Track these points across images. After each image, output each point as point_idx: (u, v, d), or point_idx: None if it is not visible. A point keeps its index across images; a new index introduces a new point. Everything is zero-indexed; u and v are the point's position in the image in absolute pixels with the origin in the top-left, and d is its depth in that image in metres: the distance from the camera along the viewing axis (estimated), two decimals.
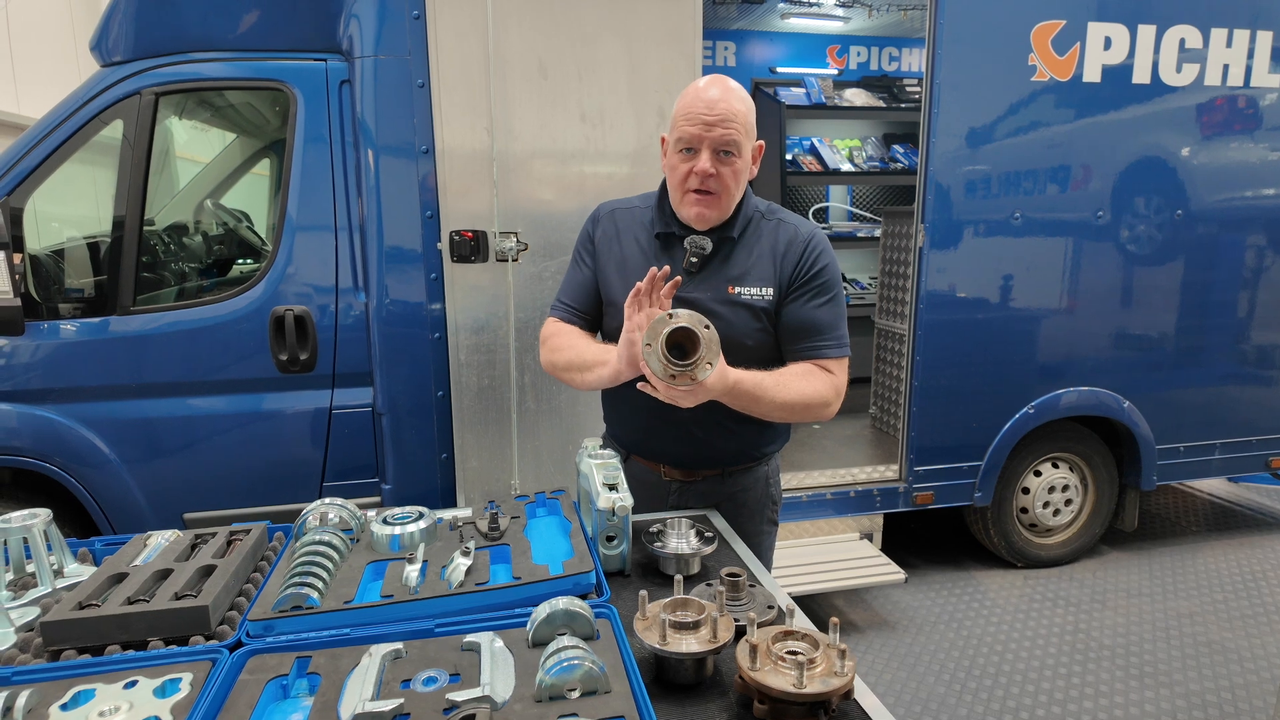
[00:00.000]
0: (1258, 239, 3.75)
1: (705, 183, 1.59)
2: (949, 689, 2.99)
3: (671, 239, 1.70)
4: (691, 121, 1.57)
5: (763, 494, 1.84)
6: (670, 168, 1.65)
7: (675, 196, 1.66)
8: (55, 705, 0.94)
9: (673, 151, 1.63)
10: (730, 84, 1.61)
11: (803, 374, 1.63)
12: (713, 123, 1.56)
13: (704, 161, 1.58)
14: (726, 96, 1.58)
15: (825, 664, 0.98)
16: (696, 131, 1.57)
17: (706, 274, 1.67)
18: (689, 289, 1.65)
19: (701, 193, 1.60)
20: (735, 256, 1.68)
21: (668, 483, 1.77)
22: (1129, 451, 3.85)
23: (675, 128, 1.62)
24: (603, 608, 1.14)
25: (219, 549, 1.32)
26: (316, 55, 2.85)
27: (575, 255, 1.82)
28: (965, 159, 3.33)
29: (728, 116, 1.57)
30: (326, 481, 2.96)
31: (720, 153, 1.58)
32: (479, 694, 0.94)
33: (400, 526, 1.36)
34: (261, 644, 1.08)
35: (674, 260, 1.67)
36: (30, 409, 2.70)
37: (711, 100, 1.57)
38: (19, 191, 2.66)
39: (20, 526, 1.28)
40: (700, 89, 1.60)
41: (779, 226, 1.72)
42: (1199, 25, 3.43)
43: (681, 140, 1.59)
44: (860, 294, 5.43)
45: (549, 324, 1.80)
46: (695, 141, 1.58)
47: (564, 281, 1.83)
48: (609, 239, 1.76)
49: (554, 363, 1.74)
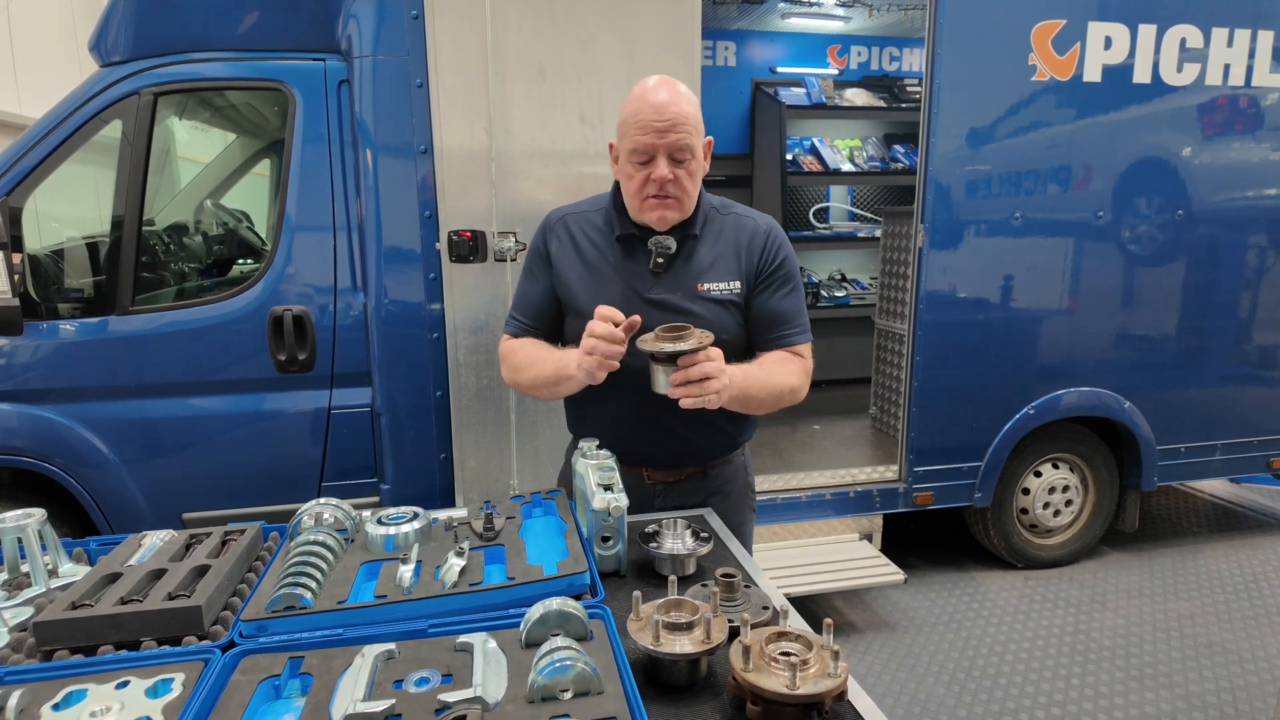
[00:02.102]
0: (1259, 239, 3.74)
1: (664, 188, 1.58)
2: (949, 690, 2.98)
3: (633, 241, 1.68)
4: (643, 129, 1.55)
5: (743, 484, 1.88)
6: (625, 176, 1.63)
7: (633, 204, 1.64)
8: (47, 705, 0.94)
9: (626, 160, 1.61)
10: (676, 85, 1.59)
11: (780, 361, 1.70)
12: (665, 129, 1.54)
13: (662, 169, 1.56)
14: (675, 99, 1.55)
15: (819, 665, 0.98)
16: (650, 140, 1.55)
17: (673, 274, 1.67)
18: (658, 290, 1.65)
19: (661, 197, 1.59)
20: (698, 253, 1.68)
21: (651, 485, 1.77)
22: (1130, 452, 3.84)
23: (626, 136, 1.59)
24: (596, 608, 1.14)
25: (213, 549, 1.32)
26: (315, 55, 2.85)
27: (527, 269, 1.78)
28: (965, 159, 3.33)
29: (679, 120, 1.54)
30: (325, 481, 2.96)
31: (675, 157, 1.57)
32: (471, 695, 0.93)
33: (394, 527, 1.36)
34: (254, 644, 1.08)
35: (637, 261, 1.67)
36: (29, 409, 2.70)
37: (661, 105, 1.54)
38: (18, 191, 2.66)
39: (14, 526, 1.28)
40: (648, 94, 1.57)
41: (737, 221, 1.74)
42: (1200, 25, 3.42)
43: (636, 150, 1.57)
44: (860, 294, 5.42)
45: (506, 341, 1.78)
46: (650, 150, 1.56)
47: (517, 296, 1.80)
48: (564, 247, 1.73)
49: (518, 381, 1.73)
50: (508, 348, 1.76)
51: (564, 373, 1.59)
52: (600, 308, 1.50)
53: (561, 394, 1.68)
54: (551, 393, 1.68)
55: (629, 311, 1.53)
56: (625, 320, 1.49)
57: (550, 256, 1.73)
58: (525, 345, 1.73)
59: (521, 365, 1.71)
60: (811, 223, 5.62)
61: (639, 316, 1.50)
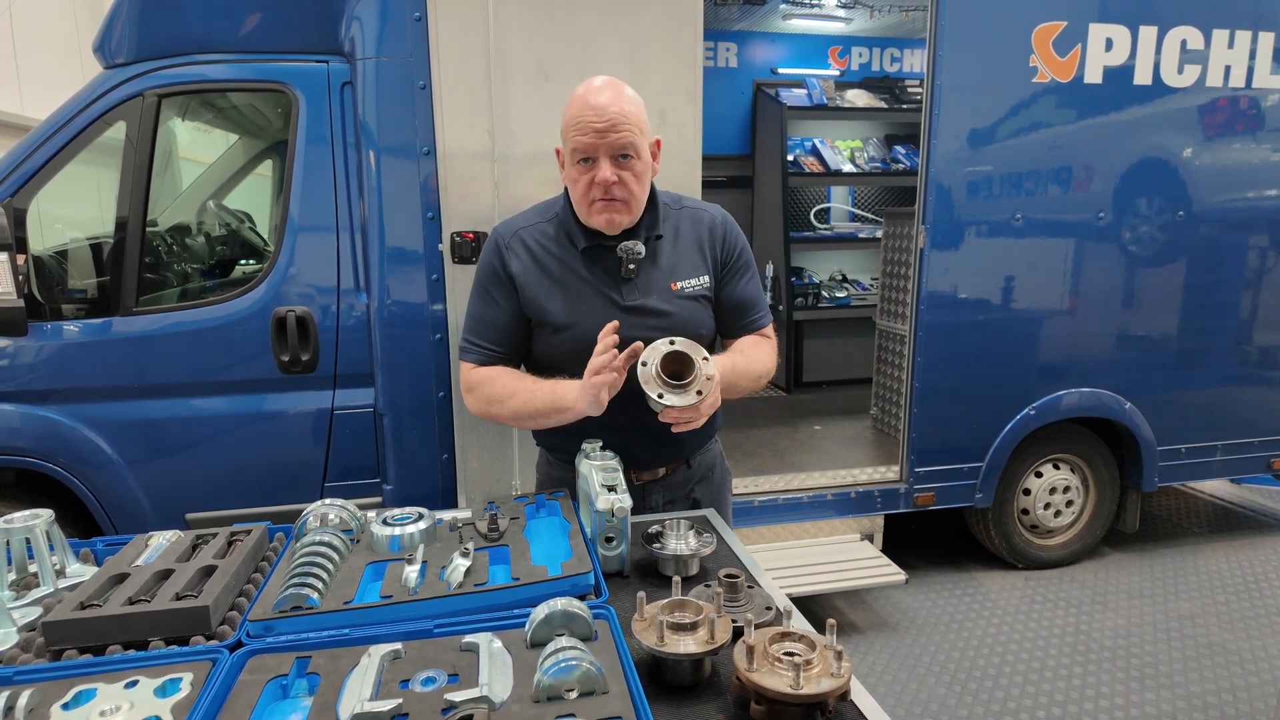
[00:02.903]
0: (1259, 240, 3.74)
1: (609, 190, 1.55)
2: (949, 690, 2.99)
3: (598, 250, 1.65)
4: (583, 131, 1.53)
5: (722, 468, 1.92)
6: (571, 180, 1.60)
7: (581, 208, 1.61)
8: (57, 705, 0.95)
9: (570, 164, 1.58)
10: (616, 84, 1.57)
11: (754, 345, 1.76)
12: (604, 129, 1.52)
13: (604, 171, 1.54)
14: (615, 99, 1.53)
15: (822, 665, 0.99)
16: (590, 140, 1.53)
17: (644, 277, 1.66)
18: (634, 296, 1.65)
19: (607, 200, 1.57)
20: (664, 253, 1.69)
21: (639, 486, 1.77)
22: (1130, 453, 3.85)
23: (567, 138, 1.57)
24: (601, 609, 1.15)
25: (220, 550, 1.33)
26: (318, 57, 2.86)
27: (482, 293, 1.70)
28: (966, 160, 3.33)
29: (619, 120, 1.52)
30: (328, 482, 2.97)
31: (618, 158, 1.55)
32: (477, 694, 0.94)
33: (400, 527, 1.37)
34: (261, 644, 1.09)
35: (606, 269, 1.65)
36: (33, 409, 2.71)
37: (600, 106, 1.52)
38: (23, 193, 2.67)
39: (23, 527, 1.29)
40: (587, 95, 1.55)
41: (693, 214, 1.74)
42: (1200, 26, 3.43)
43: (577, 151, 1.55)
44: (861, 295, 5.43)
45: (469, 371, 1.70)
46: (590, 151, 1.54)
47: (473, 320, 1.71)
48: (526, 265, 1.67)
49: (493, 412, 1.66)
50: (478, 378, 1.68)
51: (560, 405, 1.55)
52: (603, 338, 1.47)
53: (550, 425, 1.63)
54: (537, 424, 1.62)
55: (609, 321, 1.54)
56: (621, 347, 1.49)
57: (512, 276, 1.67)
58: (501, 375, 1.66)
59: (500, 397, 1.64)
60: (813, 223, 5.62)
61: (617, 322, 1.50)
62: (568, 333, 1.64)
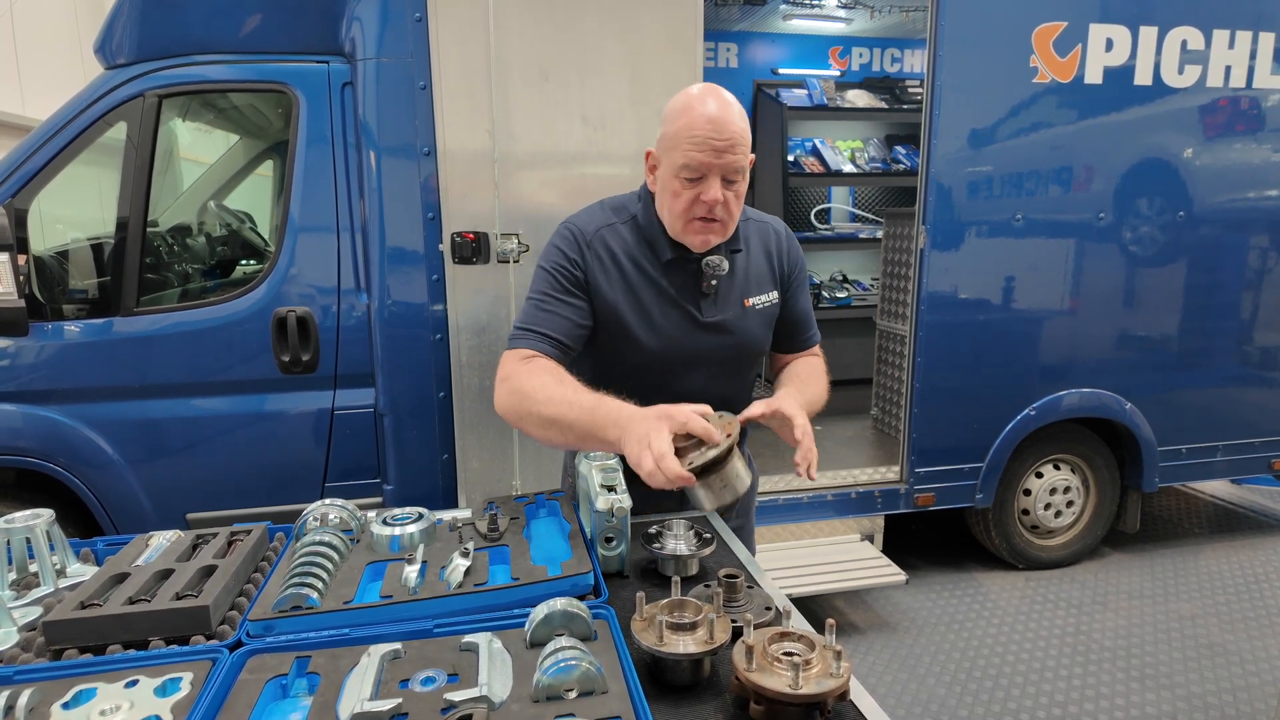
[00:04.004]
0: (1260, 240, 3.74)
1: (713, 210, 1.47)
2: (950, 690, 2.99)
3: (681, 262, 1.57)
4: (699, 147, 1.42)
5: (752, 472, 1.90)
6: (670, 193, 1.49)
7: (675, 224, 1.52)
8: (57, 704, 0.95)
9: (671, 175, 1.48)
10: (728, 99, 1.47)
11: (810, 369, 1.75)
12: (722, 149, 1.42)
13: (715, 191, 1.45)
14: (729, 115, 1.43)
15: (821, 665, 0.99)
16: (705, 159, 1.42)
17: (721, 292, 1.60)
18: (712, 312, 1.60)
19: (707, 219, 1.49)
20: (738, 268, 1.64)
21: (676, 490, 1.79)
22: (1131, 453, 3.85)
23: (677, 149, 1.45)
24: (600, 609, 1.15)
25: (220, 549, 1.33)
26: (319, 58, 2.86)
27: (556, 284, 1.55)
28: (967, 160, 3.33)
29: (737, 140, 1.43)
30: (328, 482, 2.97)
31: (727, 178, 1.46)
32: (477, 694, 0.94)
33: (400, 527, 1.37)
34: (261, 644, 1.09)
35: (685, 282, 1.59)
36: (34, 409, 2.71)
37: (721, 122, 1.41)
38: (24, 193, 2.67)
39: (23, 526, 1.29)
40: (701, 107, 1.43)
41: (759, 227, 1.71)
42: (1201, 27, 3.43)
43: (687, 168, 1.44)
44: (862, 295, 5.43)
45: (512, 358, 1.50)
46: (704, 169, 1.44)
47: (532, 312, 1.54)
48: (608, 270, 1.57)
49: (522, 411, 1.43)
50: (520, 367, 1.47)
51: (597, 432, 1.35)
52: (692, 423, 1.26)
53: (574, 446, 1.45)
54: (563, 440, 1.41)
55: (685, 343, 1.55)
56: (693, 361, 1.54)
57: (591, 278, 1.56)
58: (547, 370, 1.46)
59: (535, 392, 1.42)
60: (813, 224, 5.63)
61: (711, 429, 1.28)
62: (642, 345, 1.57)
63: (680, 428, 1.25)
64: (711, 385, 1.65)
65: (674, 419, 1.25)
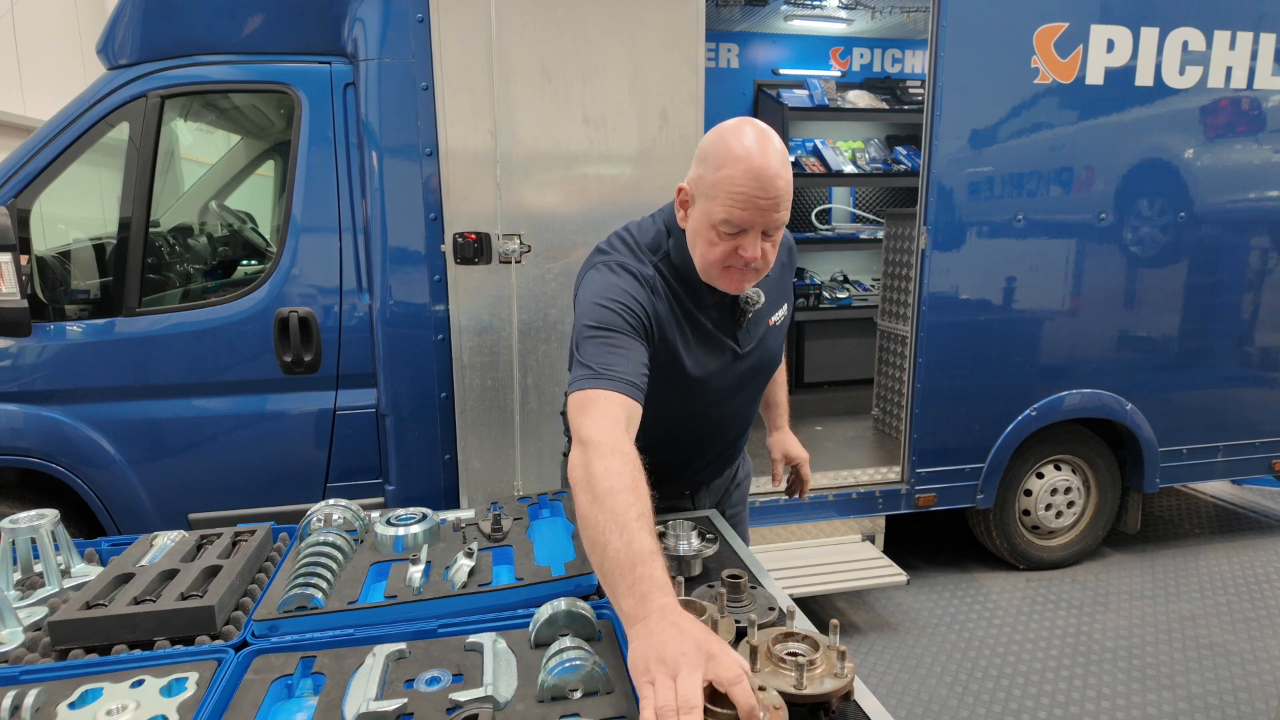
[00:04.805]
0: (1261, 241, 3.74)
1: (750, 263, 1.38)
2: (951, 690, 2.99)
3: (719, 296, 1.50)
4: (743, 205, 1.31)
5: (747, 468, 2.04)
6: (705, 241, 1.39)
7: (710, 271, 1.42)
8: (63, 704, 0.95)
9: (707, 225, 1.37)
10: (774, 145, 1.33)
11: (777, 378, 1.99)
12: (767, 207, 1.32)
13: (754, 248, 1.36)
14: (775, 168, 1.31)
15: (825, 665, 0.99)
16: (749, 216, 1.32)
17: (752, 321, 1.58)
18: (748, 343, 1.58)
19: (744, 269, 1.40)
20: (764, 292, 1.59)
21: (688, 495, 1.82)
22: (1132, 454, 3.85)
23: (716, 200, 1.33)
24: (605, 609, 1.15)
25: (224, 550, 1.33)
26: (321, 58, 2.86)
27: (624, 324, 1.37)
28: (968, 161, 3.34)
29: (782, 197, 1.33)
30: (330, 482, 2.97)
31: (767, 233, 1.38)
32: (482, 694, 0.95)
33: (404, 528, 1.38)
34: (266, 644, 1.09)
35: (721, 315, 1.54)
36: (36, 410, 2.71)
37: (768, 178, 1.30)
38: (26, 193, 2.67)
39: (28, 527, 1.30)
40: (746, 159, 1.30)
41: None
42: (1202, 28, 3.43)
43: (729, 223, 1.33)
44: (863, 296, 5.43)
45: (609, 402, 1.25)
46: (747, 224, 1.34)
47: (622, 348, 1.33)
48: (665, 308, 1.48)
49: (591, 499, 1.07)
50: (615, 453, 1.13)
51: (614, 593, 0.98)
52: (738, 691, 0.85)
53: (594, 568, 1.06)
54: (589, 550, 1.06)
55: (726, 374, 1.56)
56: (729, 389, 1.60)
57: (657, 317, 1.45)
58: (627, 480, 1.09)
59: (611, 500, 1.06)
60: (814, 224, 5.63)
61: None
62: (689, 382, 1.53)
63: (721, 684, 0.86)
64: (742, 409, 1.69)
65: (719, 667, 0.86)
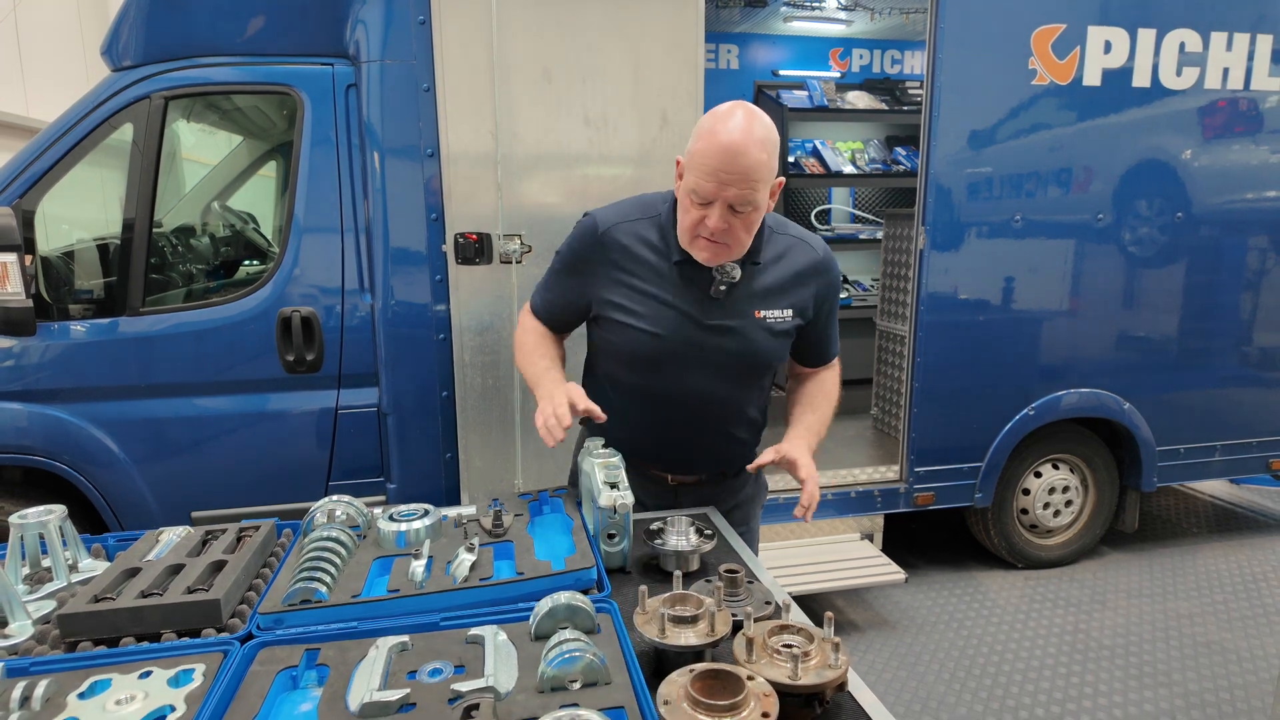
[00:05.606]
0: (1258, 241, 3.76)
1: (714, 235, 1.49)
2: (949, 688, 3.01)
3: (693, 263, 1.58)
4: (708, 175, 1.43)
5: (760, 483, 1.96)
6: (682, 208, 1.53)
7: (684, 237, 1.55)
8: (73, 694, 0.97)
9: (684, 192, 1.51)
10: (754, 128, 1.42)
11: (826, 379, 1.83)
12: (728, 181, 1.42)
13: (715, 219, 1.46)
14: (747, 147, 1.40)
15: (820, 657, 1.01)
16: (711, 188, 1.43)
17: (731, 299, 1.61)
18: (716, 315, 1.61)
19: (710, 240, 1.51)
20: (758, 279, 1.63)
21: (675, 487, 1.80)
22: (1129, 453, 3.86)
23: (691, 170, 1.46)
24: (604, 602, 1.17)
25: (229, 545, 1.35)
26: (323, 60, 2.88)
27: (568, 266, 1.70)
28: (966, 161, 3.35)
29: (748, 174, 1.41)
30: (332, 481, 2.99)
31: (734, 208, 1.46)
32: (483, 684, 0.96)
33: (406, 523, 1.39)
34: (271, 636, 1.11)
35: (695, 284, 1.60)
36: (41, 408, 2.73)
37: (732, 154, 1.40)
38: (31, 194, 2.70)
39: (36, 522, 1.32)
40: (723, 134, 1.41)
41: (796, 245, 1.67)
42: (1199, 29, 3.45)
43: (695, 192, 1.46)
44: (862, 296, 5.45)
45: (529, 316, 1.81)
46: (710, 196, 1.45)
47: (552, 284, 1.76)
48: (615, 258, 1.63)
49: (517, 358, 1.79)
50: (528, 324, 1.80)
51: (534, 389, 1.65)
52: (574, 399, 1.53)
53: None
54: (520, 368, 1.77)
55: (686, 335, 1.59)
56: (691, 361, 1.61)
57: (596, 272, 1.65)
58: (537, 335, 1.76)
59: (521, 346, 1.77)
60: (813, 224, 5.64)
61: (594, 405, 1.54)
62: (642, 337, 1.62)
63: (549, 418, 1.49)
64: (718, 388, 1.67)
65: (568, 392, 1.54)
